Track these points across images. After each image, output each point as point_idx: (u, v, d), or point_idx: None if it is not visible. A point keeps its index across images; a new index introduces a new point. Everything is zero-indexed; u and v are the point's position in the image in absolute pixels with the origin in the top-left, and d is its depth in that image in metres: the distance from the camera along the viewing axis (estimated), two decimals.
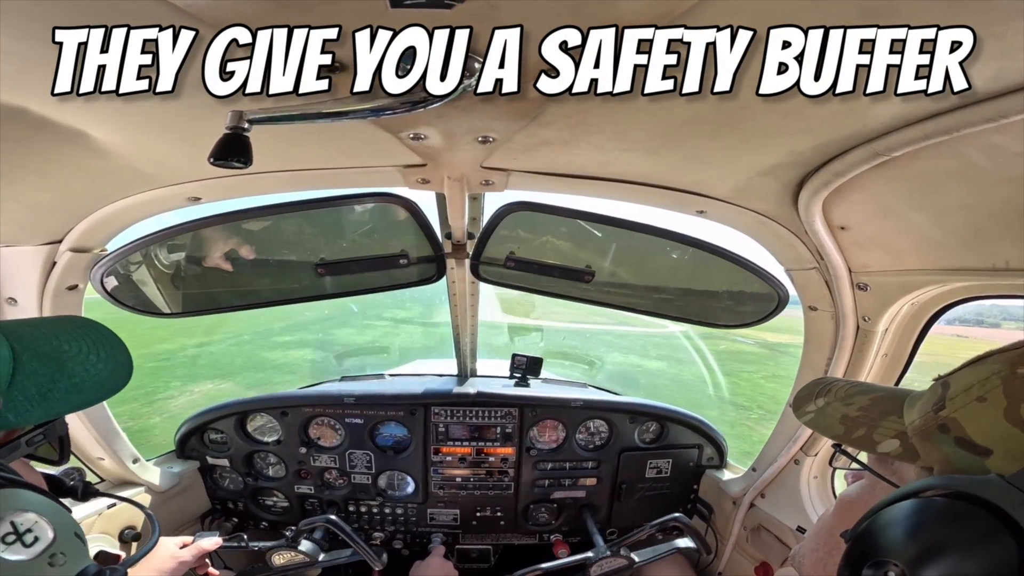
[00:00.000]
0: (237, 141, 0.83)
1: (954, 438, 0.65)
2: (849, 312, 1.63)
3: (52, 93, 0.79)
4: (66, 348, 0.96)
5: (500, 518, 2.67)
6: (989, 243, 1.13)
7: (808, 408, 0.92)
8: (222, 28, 0.75)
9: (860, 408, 0.84)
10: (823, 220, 1.38)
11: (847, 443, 0.84)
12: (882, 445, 0.76)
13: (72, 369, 0.95)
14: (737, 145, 1.16)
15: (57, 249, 1.58)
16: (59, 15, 0.74)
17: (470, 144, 1.23)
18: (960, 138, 0.90)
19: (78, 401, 0.95)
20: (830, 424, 0.86)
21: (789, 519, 2.06)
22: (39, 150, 1.14)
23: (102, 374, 0.99)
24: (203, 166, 1.23)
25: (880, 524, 0.63)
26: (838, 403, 0.88)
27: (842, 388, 0.91)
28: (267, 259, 1.97)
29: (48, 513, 0.73)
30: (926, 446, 0.70)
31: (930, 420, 0.69)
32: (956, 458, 0.65)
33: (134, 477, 2.17)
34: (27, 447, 0.95)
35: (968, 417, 0.64)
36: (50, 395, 0.90)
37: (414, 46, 0.79)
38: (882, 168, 1.09)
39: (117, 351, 1.04)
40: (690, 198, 1.53)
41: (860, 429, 0.81)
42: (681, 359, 22.11)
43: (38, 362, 0.91)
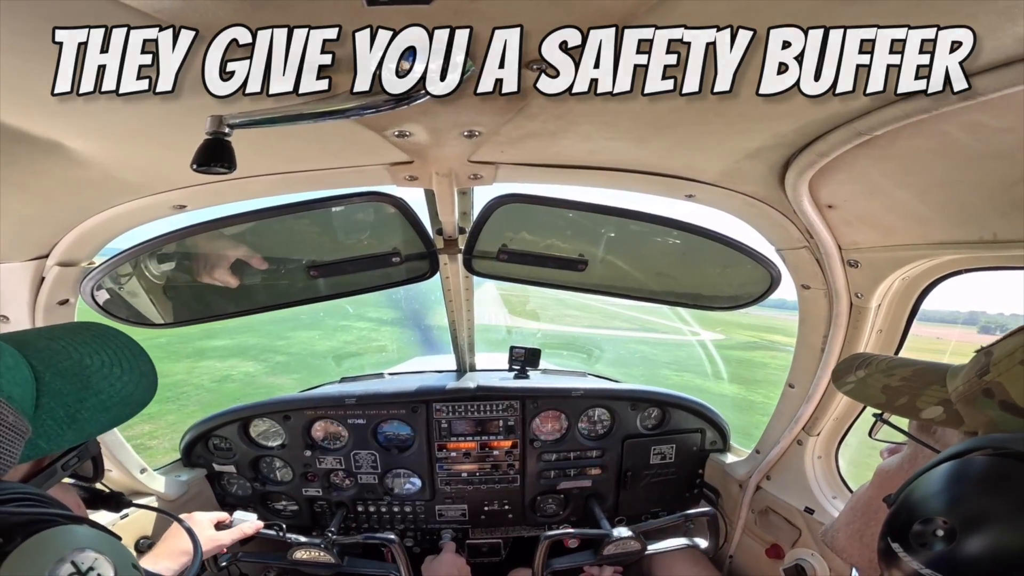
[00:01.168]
0: (219, 146, 0.81)
1: (999, 402, 0.65)
2: (842, 289, 1.64)
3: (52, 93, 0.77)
4: (88, 362, 0.90)
5: (508, 511, 2.68)
6: (976, 216, 1.13)
7: (848, 379, 0.93)
8: (180, 27, 0.74)
9: (902, 378, 0.85)
10: (811, 200, 1.39)
11: (889, 411, 0.85)
12: (926, 412, 0.77)
13: (98, 385, 0.89)
14: (723, 129, 1.16)
15: (44, 264, 1.56)
16: (33, 26, 0.72)
17: (456, 139, 1.22)
18: (940, 116, 0.90)
19: (108, 419, 0.90)
20: (872, 394, 0.87)
21: (796, 500, 2.07)
22: (17, 162, 1.12)
23: (128, 387, 0.93)
24: (186, 173, 1.23)
25: (926, 484, 0.62)
26: (879, 374, 0.89)
27: (883, 361, 0.92)
28: (259, 264, 1.95)
29: (105, 548, 0.69)
30: (970, 411, 0.70)
31: (974, 385, 0.70)
32: (1001, 421, 0.65)
33: (143, 487, 2.17)
34: (63, 472, 0.90)
35: (1012, 381, 0.65)
36: (79, 415, 0.85)
37: (395, 43, 0.78)
38: (865, 147, 1.09)
39: (139, 360, 0.98)
40: (679, 183, 1.53)
41: (903, 397, 0.82)
42: (753, 378, 18.45)
43: (62, 381, 0.85)
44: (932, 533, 0.58)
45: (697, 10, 0.72)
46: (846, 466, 2.07)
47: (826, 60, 0.80)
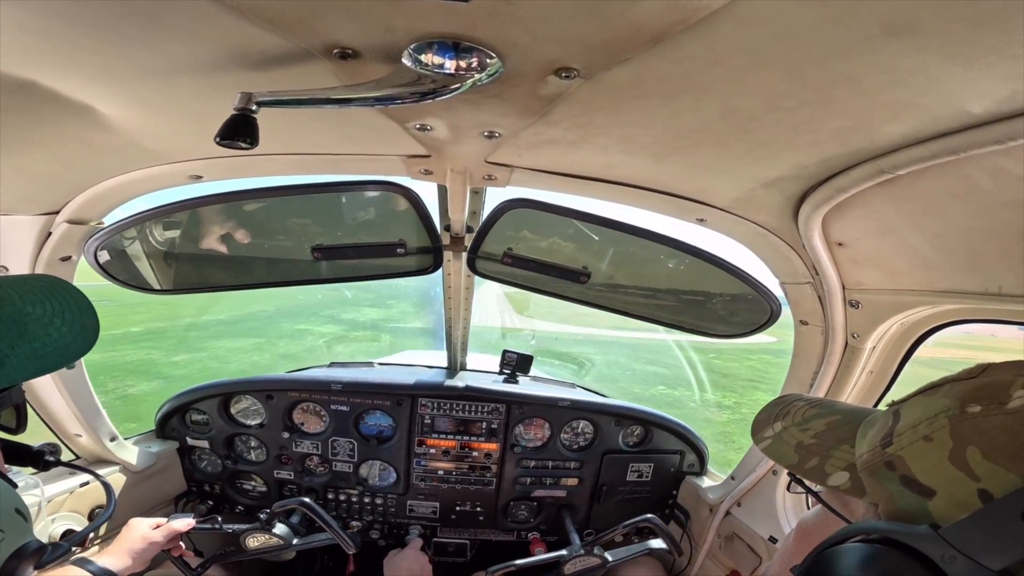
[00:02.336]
0: (244, 122, 0.81)
1: (899, 476, 0.64)
2: (839, 328, 1.64)
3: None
4: (30, 310, 0.90)
5: (480, 513, 2.68)
6: (984, 267, 1.14)
7: (766, 434, 0.91)
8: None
9: (815, 435, 0.83)
10: (821, 235, 1.39)
11: (800, 473, 0.82)
12: (832, 478, 0.76)
13: (34, 333, 0.89)
14: (743, 155, 1.16)
15: (54, 220, 1.56)
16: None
17: (475, 138, 1.23)
18: (967, 159, 0.90)
19: (36, 367, 0.89)
20: (785, 452, 0.85)
21: (762, 528, 2.08)
22: (45, 122, 1.13)
23: (65, 339, 0.93)
24: (207, 145, 1.23)
25: (821, 564, 0.62)
26: (794, 428, 0.86)
27: (800, 410, 0.89)
28: (263, 240, 1.95)
29: None
30: (872, 482, 0.69)
31: (877, 455, 0.68)
32: (900, 497, 0.63)
33: (110, 456, 2.15)
34: None
35: (913, 456, 0.63)
36: (7, 362, 0.84)
37: (427, 38, 0.79)
38: (885, 186, 1.09)
39: (84, 315, 0.98)
40: (691, 205, 1.53)
41: (813, 459, 0.80)
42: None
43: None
44: None
45: (734, 33, 0.73)
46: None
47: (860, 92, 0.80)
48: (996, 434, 0.56)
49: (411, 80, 0.85)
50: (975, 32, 0.66)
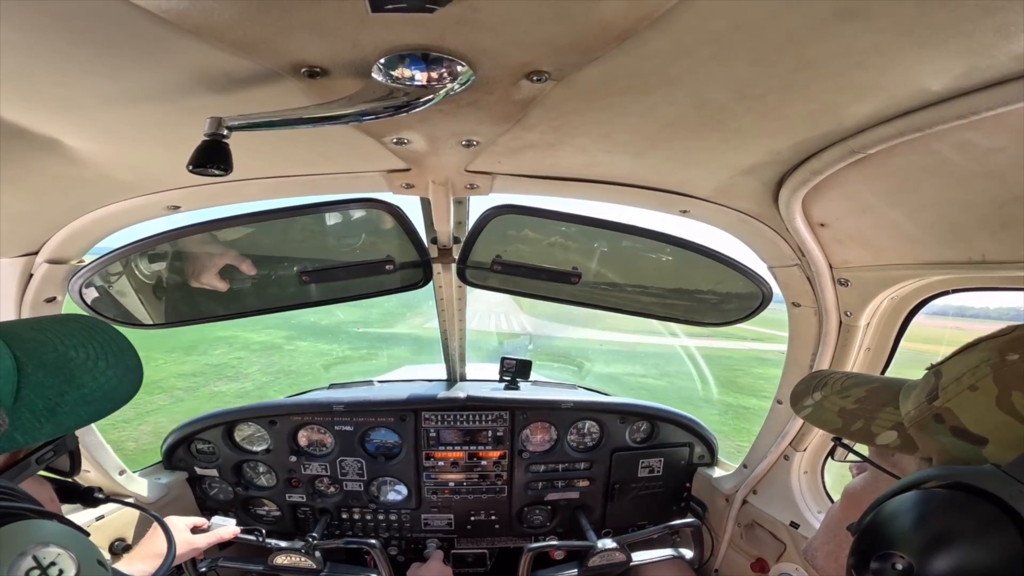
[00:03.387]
0: (216, 148, 0.81)
1: (949, 428, 0.65)
2: (831, 307, 1.65)
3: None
4: (73, 355, 0.88)
5: (495, 521, 2.66)
6: (965, 237, 1.15)
7: (806, 403, 0.92)
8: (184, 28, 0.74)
9: (857, 400, 0.84)
10: (803, 217, 1.40)
11: (846, 436, 0.84)
12: (880, 437, 0.76)
13: (81, 379, 0.87)
14: (718, 145, 1.17)
15: (34, 261, 1.55)
16: (36, 22, 0.72)
17: (454, 148, 1.23)
18: (933, 135, 0.91)
19: (88, 413, 0.87)
20: (828, 418, 0.86)
21: (782, 515, 2.07)
22: (12, 158, 1.11)
23: (112, 382, 0.91)
24: (181, 174, 1.22)
25: (883, 517, 0.62)
26: (835, 396, 0.88)
27: (838, 381, 0.91)
28: (251, 267, 1.94)
29: (70, 544, 0.68)
30: (923, 437, 0.70)
31: (925, 411, 0.69)
32: (953, 447, 0.64)
33: (121, 489, 2.13)
34: (37, 466, 0.88)
35: (962, 406, 0.64)
36: (59, 410, 0.82)
37: (396, 50, 0.79)
38: (859, 165, 1.11)
39: (125, 355, 0.95)
40: (674, 198, 1.54)
41: (858, 422, 0.81)
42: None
43: (44, 373, 0.83)
44: (891, 567, 0.58)
45: (697, 26, 0.73)
46: (832, 481, 2.08)
47: (823, 76, 0.81)
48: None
49: (383, 94, 0.85)
50: (923, 11, 0.67)
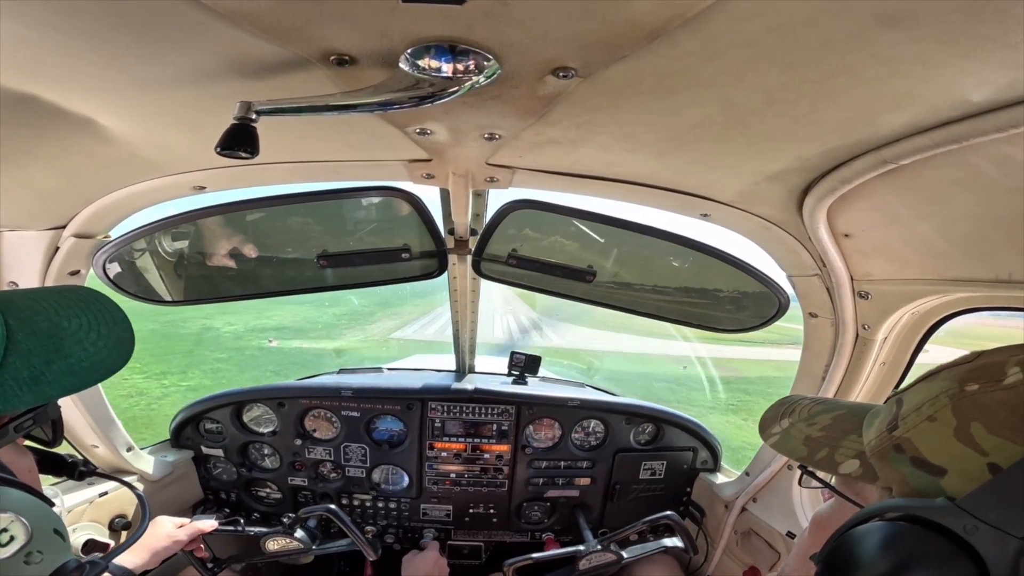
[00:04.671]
0: (244, 132, 0.82)
1: (909, 458, 0.65)
2: (849, 320, 1.63)
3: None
4: (65, 325, 0.88)
5: (493, 515, 2.68)
6: (993, 254, 1.12)
7: (773, 430, 0.93)
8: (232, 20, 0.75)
9: (822, 428, 0.85)
10: (827, 227, 1.38)
11: (811, 464, 0.84)
12: (843, 466, 0.77)
13: (70, 349, 0.86)
14: (745, 149, 1.15)
15: (61, 234, 1.58)
16: (80, 6, 0.73)
17: (476, 140, 1.23)
18: (969, 147, 0.89)
19: (73, 384, 0.87)
20: (794, 446, 0.87)
21: (780, 524, 2.06)
22: (48, 136, 1.14)
23: (101, 353, 0.90)
24: (209, 155, 1.24)
25: (842, 548, 0.63)
26: (801, 423, 0.88)
27: (806, 407, 0.91)
28: (270, 249, 1.97)
29: (26, 511, 0.69)
30: (884, 466, 0.70)
31: (885, 440, 0.69)
32: (912, 478, 0.64)
33: (127, 465, 2.17)
34: (15, 433, 0.88)
35: (920, 437, 0.64)
36: (43, 378, 0.82)
37: (424, 42, 0.79)
38: (889, 176, 1.08)
39: (119, 327, 0.95)
40: (695, 201, 1.53)
41: (823, 450, 0.82)
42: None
43: (33, 341, 0.83)
44: None
45: (730, 28, 0.72)
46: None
47: (859, 83, 0.79)
48: (997, 409, 0.58)
49: (409, 85, 0.85)
50: (970, 22, 0.65)
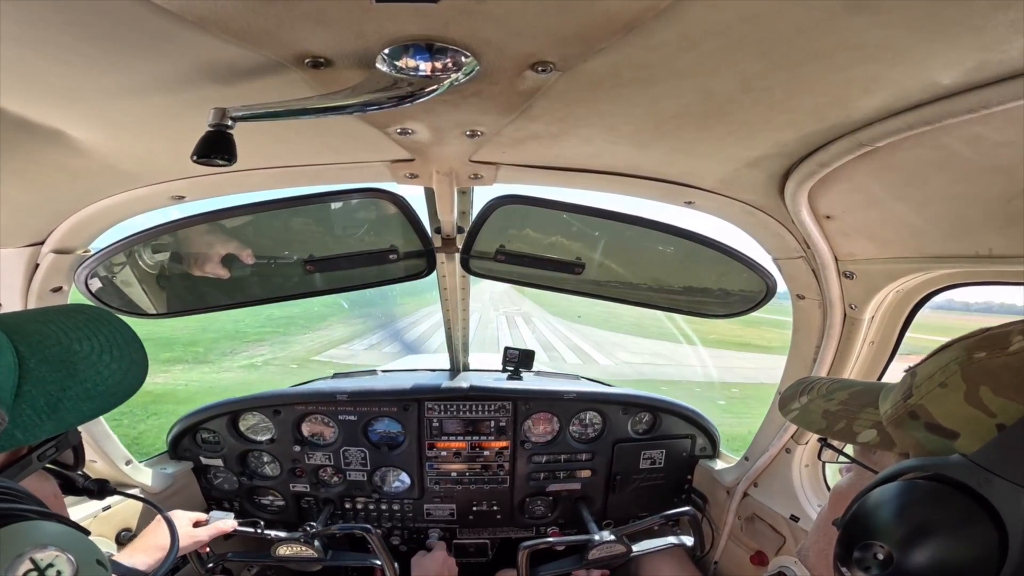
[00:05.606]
0: (220, 138, 0.81)
1: (923, 423, 0.69)
2: (836, 300, 1.65)
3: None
4: (77, 348, 0.85)
5: (496, 512, 2.68)
6: (972, 231, 1.14)
7: (792, 406, 0.97)
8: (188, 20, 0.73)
9: (840, 402, 0.88)
10: (809, 210, 1.39)
11: (830, 436, 0.88)
12: (861, 436, 0.81)
13: (84, 373, 0.83)
14: (724, 137, 1.16)
15: (40, 251, 1.55)
16: (38, 16, 0.72)
17: (458, 138, 1.22)
18: (942, 128, 0.91)
19: (91, 409, 0.84)
20: (813, 419, 0.91)
21: (783, 508, 2.08)
22: (16, 149, 1.11)
23: (116, 375, 0.87)
24: (185, 164, 1.22)
25: (863, 510, 0.66)
26: (820, 399, 0.92)
27: (824, 385, 0.95)
28: (255, 257, 1.94)
29: (68, 545, 0.66)
30: (900, 433, 0.73)
31: (900, 408, 0.73)
32: (927, 442, 0.68)
33: (127, 479, 2.15)
34: (39, 463, 0.86)
35: (933, 402, 0.68)
36: (61, 405, 0.79)
37: (400, 41, 0.78)
38: (866, 158, 1.10)
39: (131, 348, 0.92)
40: (678, 189, 1.53)
41: (841, 422, 0.85)
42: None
43: (47, 368, 0.80)
44: (872, 557, 0.61)
45: (704, 17, 0.72)
46: (832, 475, 2.08)
47: (831, 69, 0.80)
48: (1002, 373, 0.62)
49: (387, 85, 0.85)
50: (934, 6, 0.67)
